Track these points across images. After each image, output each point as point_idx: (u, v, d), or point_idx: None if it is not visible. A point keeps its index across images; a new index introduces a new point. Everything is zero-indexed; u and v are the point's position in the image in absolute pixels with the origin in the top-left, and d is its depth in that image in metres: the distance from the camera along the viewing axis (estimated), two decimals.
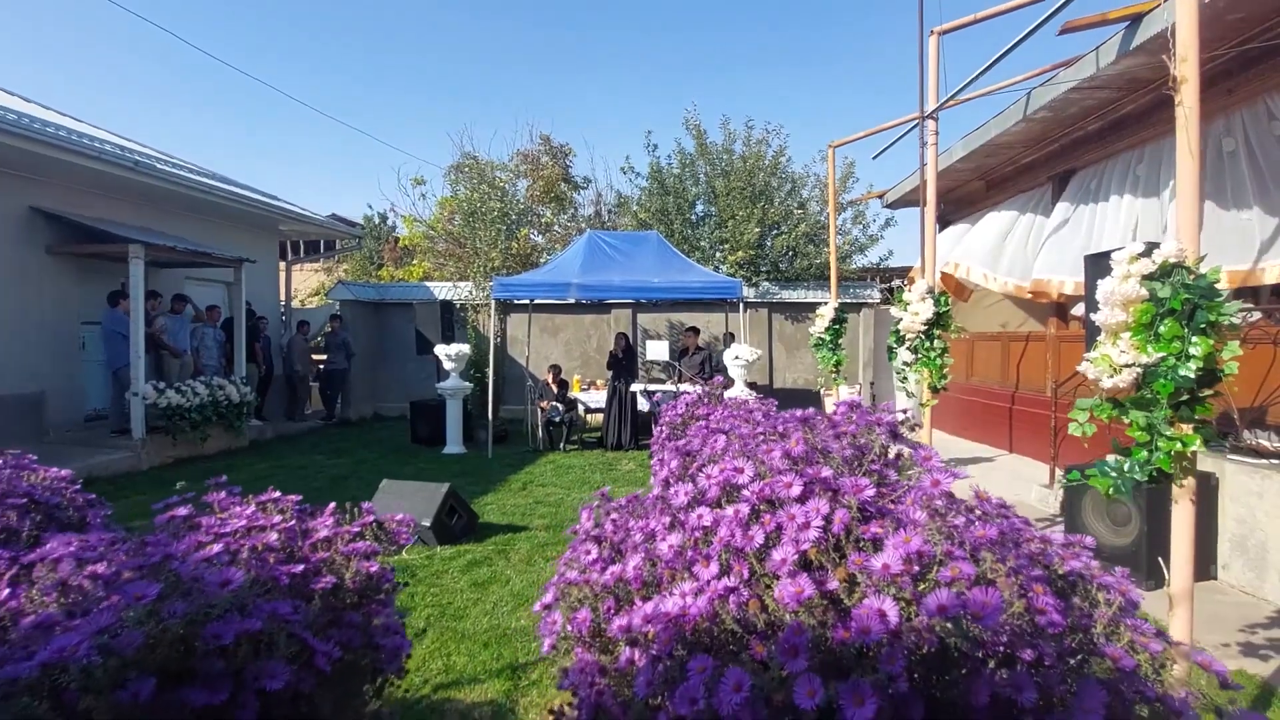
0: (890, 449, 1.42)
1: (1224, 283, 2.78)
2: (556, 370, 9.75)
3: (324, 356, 11.69)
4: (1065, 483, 4.01)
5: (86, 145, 7.72)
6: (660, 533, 1.29)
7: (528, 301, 10.92)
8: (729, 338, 10.28)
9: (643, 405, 9.11)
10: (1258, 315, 4.63)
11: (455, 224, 13.95)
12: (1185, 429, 2.43)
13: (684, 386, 7.87)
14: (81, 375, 8.37)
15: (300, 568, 1.26)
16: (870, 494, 1.14)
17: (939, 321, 5.27)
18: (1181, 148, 2.58)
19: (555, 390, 9.36)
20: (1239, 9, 4.08)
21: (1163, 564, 2.75)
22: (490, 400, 8.86)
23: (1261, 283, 4.54)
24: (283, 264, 12.82)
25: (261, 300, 11.06)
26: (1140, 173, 5.62)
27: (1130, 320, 2.53)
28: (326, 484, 6.83)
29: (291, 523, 1.42)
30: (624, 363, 9.34)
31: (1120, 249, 2.58)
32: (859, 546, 1.05)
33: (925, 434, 5.37)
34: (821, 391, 10.09)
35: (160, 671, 0.98)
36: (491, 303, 9.12)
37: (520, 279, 9.33)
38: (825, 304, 8.42)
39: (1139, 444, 2.51)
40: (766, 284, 12.80)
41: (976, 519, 1.15)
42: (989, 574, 0.96)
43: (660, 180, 14.35)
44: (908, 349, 5.38)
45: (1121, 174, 5.83)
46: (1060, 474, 5.36)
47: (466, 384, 8.87)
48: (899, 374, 5.62)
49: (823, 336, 8.32)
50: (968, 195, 8.74)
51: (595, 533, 1.48)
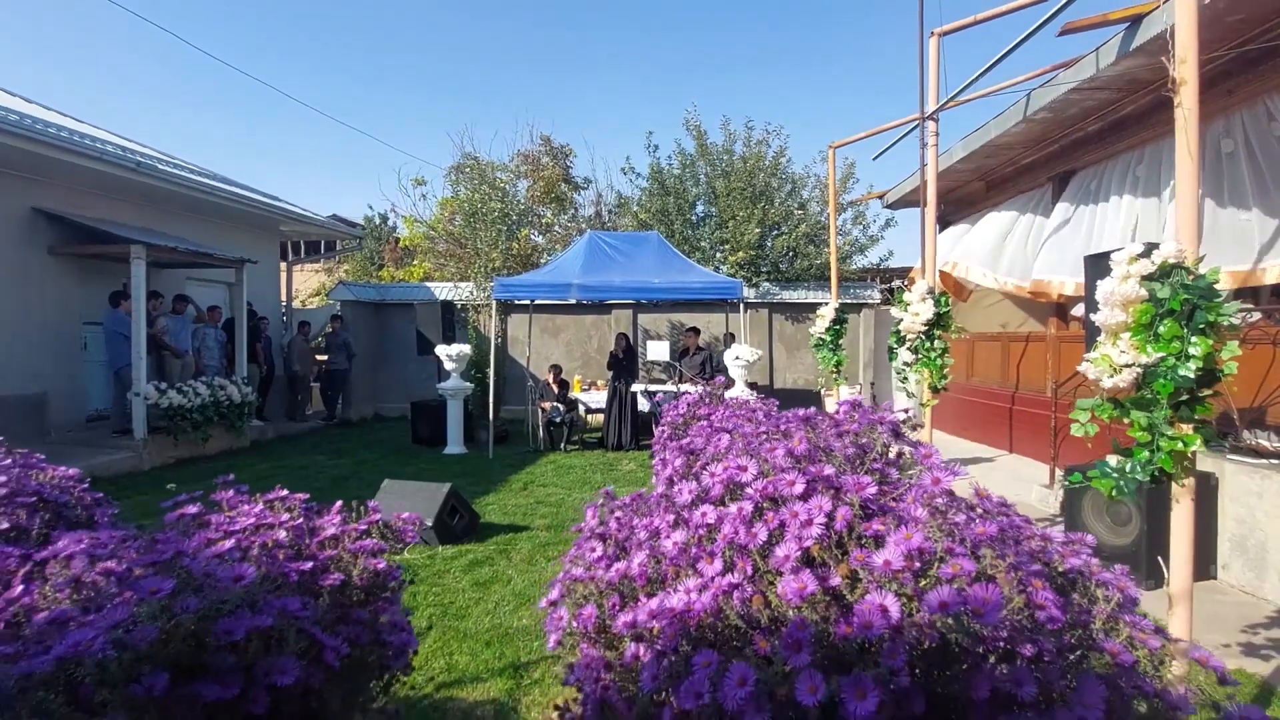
0: (892, 448, 1.44)
1: (1223, 283, 2.78)
2: (557, 370, 9.76)
3: (325, 357, 11.71)
4: (1067, 484, 4.02)
5: (88, 146, 7.74)
6: (665, 530, 1.30)
7: (528, 302, 10.94)
8: (729, 338, 10.29)
9: (643, 405, 9.12)
10: (1257, 315, 4.64)
11: (456, 224, 13.96)
12: (1185, 429, 2.44)
13: (684, 387, 7.87)
14: (83, 376, 8.38)
15: (309, 565, 1.27)
16: (872, 492, 1.15)
17: (939, 322, 5.28)
18: (1181, 149, 2.59)
19: (556, 391, 9.36)
20: (1239, 10, 4.09)
21: (1162, 564, 2.76)
22: (491, 401, 8.86)
23: (1261, 283, 4.55)
24: (284, 264, 12.83)
25: (262, 301, 11.07)
26: (1140, 173, 5.63)
27: (1130, 320, 2.53)
28: (328, 484, 6.84)
29: (299, 521, 1.43)
30: (625, 363, 9.34)
31: (1120, 250, 2.59)
32: (861, 543, 1.06)
33: (926, 434, 5.38)
34: (822, 392, 10.09)
35: (173, 666, 1.00)
36: (492, 303, 9.13)
37: (521, 279, 9.34)
38: (826, 304, 8.42)
39: (1140, 444, 2.52)
40: (767, 284, 12.81)
41: (977, 516, 1.16)
42: (989, 570, 0.98)
43: (660, 181, 14.35)
44: (908, 349, 5.40)
45: (1121, 175, 5.84)
46: (1060, 474, 5.37)
47: (467, 384, 8.87)
48: (899, 374, 5.63)
49: (823, 337, 8.33)
50: (968, 196, 8.75)
51: (600, 530, 1.49)
